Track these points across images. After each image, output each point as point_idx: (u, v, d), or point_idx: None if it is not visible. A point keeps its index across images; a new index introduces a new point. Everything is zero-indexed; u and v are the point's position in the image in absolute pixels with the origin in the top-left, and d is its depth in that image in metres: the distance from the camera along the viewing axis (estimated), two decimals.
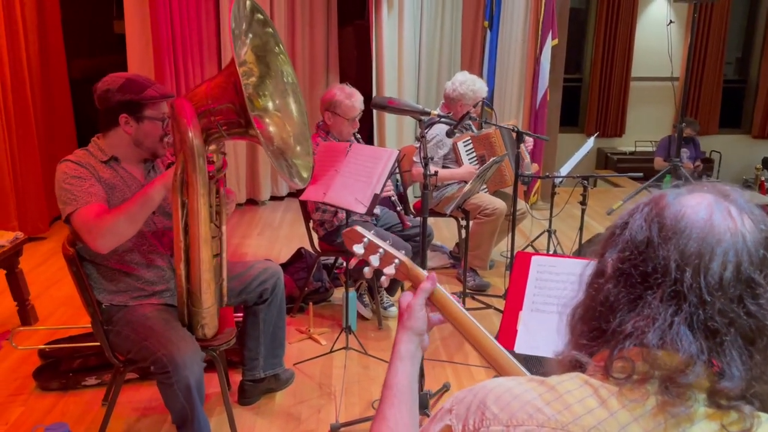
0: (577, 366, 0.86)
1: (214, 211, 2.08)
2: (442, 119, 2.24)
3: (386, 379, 1.11)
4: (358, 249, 1.25)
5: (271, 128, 2.18)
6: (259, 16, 2.06)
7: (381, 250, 1.25)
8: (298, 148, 2.24)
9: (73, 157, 2.18)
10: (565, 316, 0.94)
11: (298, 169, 2.16)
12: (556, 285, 1.80)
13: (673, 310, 0.77)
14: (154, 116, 2.19)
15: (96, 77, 2.26)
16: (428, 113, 2.16)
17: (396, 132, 6.05)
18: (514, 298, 1.83)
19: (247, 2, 1.99)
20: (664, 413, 0.75)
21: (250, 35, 2.02)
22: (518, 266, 1.87)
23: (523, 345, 1.76)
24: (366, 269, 1.26)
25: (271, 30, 2.13)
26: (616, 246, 0.85)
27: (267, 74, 2.12)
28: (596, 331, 0.85)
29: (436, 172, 2.43)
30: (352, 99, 3.24)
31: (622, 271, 0.82)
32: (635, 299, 0.80)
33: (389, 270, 1.24)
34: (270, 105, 2.18)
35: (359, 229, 1.26)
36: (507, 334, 1.80)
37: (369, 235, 1.26)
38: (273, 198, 6.24)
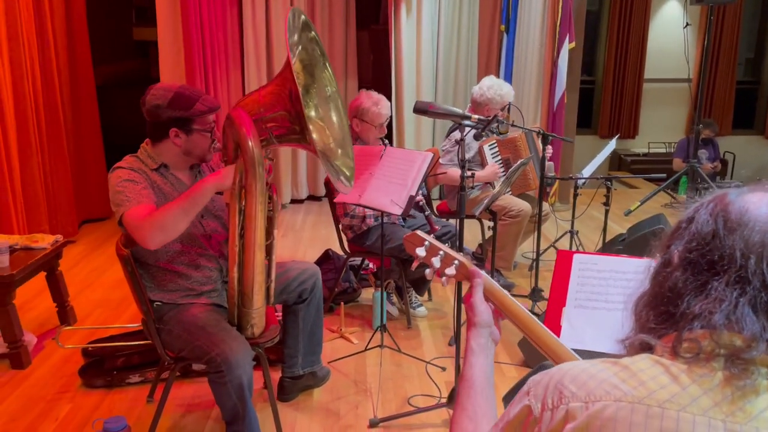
0: (646, 348, 0.92)
1: (266, 216, 2.16)
2: (480, 122, 2.31)
3: (462, 373, 1.18)
4: (421, 252, 1.32)
5: (314, 134, 2.26)
6: (311, 33, 2.14)
7: (441, 253, 1.32)
8: (339, 151, 2.32)
9: (125, 164, 2.25)
10: (630, 305, 1.01)
11: (344, 171, 2.24)
12: (599, 282, 1.87)
13: (738, 293, 0.84)
14: (202, 128, 2.27)
15: (118, 83, 2.35)
16: (468, 117, 2.24)
17: (414, 135, 6.14)
18: (557, 295, 1.91)
19: (302, 16, 2.08)
20: (731, 386, 0.82)
21: (300, 47, 2.10)
22: (560, 264, 1.94)
23: (567, 340, 1.83)
24: (427, 271, 1.33)
25: (319, 50, 2.21)
26: (682, 239, 0.93)
27: (312, 84, 2.20)
28: (664, 315, 0.91)
29: (473, 174, 2.50)
30: (379, 106, 3.32)
31: (690, 260, 0.90)
32: (702, 285, 0.88)
33: (450, 271, 1.30)
34: (313, 113, 2.26)
35: (420, 233, 1.33)
36: (551, 330, 1.87)
37: (429, 239, 1.32)
38: (293, 201, 6.33)
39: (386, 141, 3.49)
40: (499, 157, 3.95)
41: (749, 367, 0.82)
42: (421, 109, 2.32)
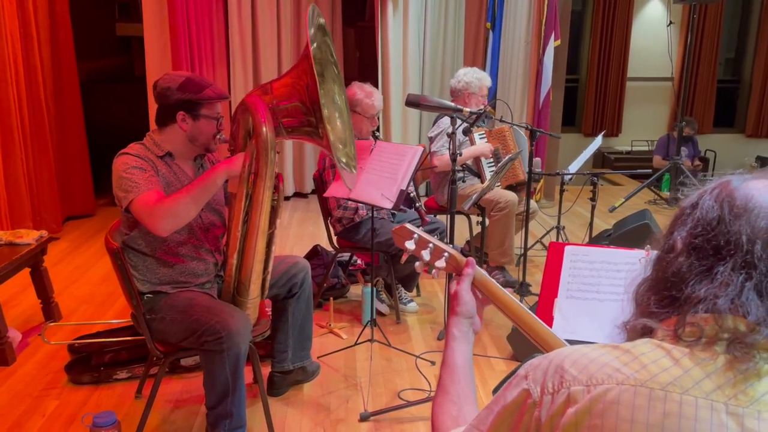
0: (647, 332, 0.93)
1: (271, 204, 2.16)
2: (472, 115, 2.32)
3: (444, 359, 1.18)
4: (410, 245, 1.30)
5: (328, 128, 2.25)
6: (326, 39, 2.14)
7: (431, 245, 1.30)
8: (339, 146, 2.32)
9: (132, 151, 2.23)
10: (630, 291, 1.02)
11: (346, 162, 2.24)
12: (590, 273, 1.88)
13: (744, 277, 0.85)
14: (209, 115, 2.27)
15: (101, 78, 2.32)
16: (460, 110, 2.24)
17: (401, 131, 6.15)
18: (549, 287, 1.92)
19: (321, 19, 2.07)
20: (733, 370, 0.83)
21: (315, 43, 2.08)
22: (552, 256, 1.95)
23: (559, 331, 1.84)
24: (417, 263, 1.31)
25: (333, 56, 2.20)
26: (685, 225, 0.93)
27: (321, 84, 2.17)
28: (667, 299, 0.92)
29: (463, 167, 2.51)
30: (372, 98, 3.32)
31: (694, 246, 0.90)
32: (707, 269, 0.88)
33: (440, 263, 1.29)
34: (325, 112, 2.24)
35: (409, 226, 1.31)
36: (543, 321, 1.88)
37: (419, 232, 1.31)
38: None
39: (378, 135, 3.49)
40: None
41: (751, 351, 0.83)
42: (413, 102, 2.33)
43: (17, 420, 2.56)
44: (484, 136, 3.95)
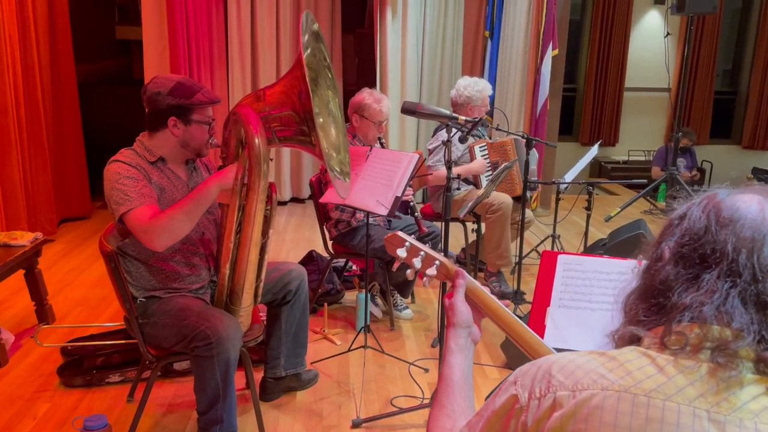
0: (635, 340, 0.95)
1: (264, 215, 2.15)
2: (468, 123, 2.33)
3: (441, 372, 1.19)
4: (401, 252, 1.32)
5: (322, 139, 2.25)
6: (321, 45, 2.14)
7: (422, 253, 1.32)
8: (333, 154, 2.32)
9: (123, 158, 2.20)
10: (619, 301, 1.03)
11: (340, 171, 2.25)
12: (583, 282, 1.89)
13: (729, 285, 0.87)
14: (201, 120, 2.25)
15: (99, 81, 2.30)
16: (456, 118, 2.25)
17: (398, 137, 6.16)
18: (542, 295, 1.92)
19: (315, 25, 2.07)
20: (716, 378, 0.84)
21: (309, 49, 2.08)
22: (545, 265, 1.96)
23: (551, 339, 1.85)
24: (408, 271, 1.33)
25: (326, 60, 2.20)
26: (673, 235, 0.95)
27: (315, 91, 2.18)
28: (655, 307, 0.94)
29: (459, 176, 2.52)
30: (380, 104, 3.33)
31: (682, 254, 0.92)
32: (694, 278, 0.90)
33: (431, 271, 1.31)
34: (321, 120, 2.24)
35: (401, 234, 1.33)
36: (535, 330, 1.88)
37: (410, 240, 1.33)
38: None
39: (383, 142, 3.49)
40: (489, 160, 3.98)
41: (734, 359, 0.84)
42: (409, 110, 2.34)
43: (8, 422, 2.55)
44: (486, 148, 3.95)
